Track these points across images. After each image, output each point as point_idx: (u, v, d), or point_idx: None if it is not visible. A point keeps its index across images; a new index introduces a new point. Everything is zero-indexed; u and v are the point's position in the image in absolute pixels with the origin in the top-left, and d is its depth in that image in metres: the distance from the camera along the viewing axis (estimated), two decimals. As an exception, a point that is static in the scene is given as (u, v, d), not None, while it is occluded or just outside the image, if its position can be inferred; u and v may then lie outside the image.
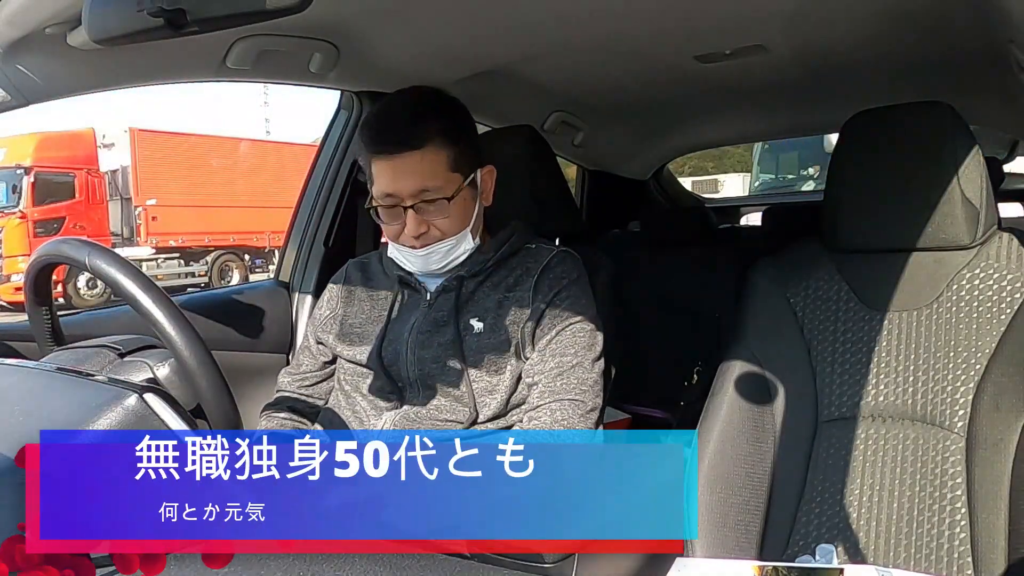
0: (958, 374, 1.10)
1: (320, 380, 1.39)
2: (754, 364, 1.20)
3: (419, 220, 1.19)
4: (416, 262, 1.25)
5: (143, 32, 0.65)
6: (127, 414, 0.65)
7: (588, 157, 2.62)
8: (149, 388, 0.67)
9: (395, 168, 1.18)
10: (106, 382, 0.72)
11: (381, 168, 1.20)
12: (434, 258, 1.23)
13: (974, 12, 1.34)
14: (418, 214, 1.19)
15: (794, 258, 1.28)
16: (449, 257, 1.24)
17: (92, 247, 0.93)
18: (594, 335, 1.24)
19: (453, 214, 1.21)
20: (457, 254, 1.24)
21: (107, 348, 0.98)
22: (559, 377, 1.19)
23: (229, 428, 0.87)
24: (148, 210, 13.13)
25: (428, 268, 1.25)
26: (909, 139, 1.16)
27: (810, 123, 2.53)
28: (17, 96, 1.12)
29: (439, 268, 1.25)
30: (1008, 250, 1.12)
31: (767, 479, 1.16)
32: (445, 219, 1.21)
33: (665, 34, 1.55)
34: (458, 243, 1.24)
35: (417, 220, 1.19)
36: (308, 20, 1.30)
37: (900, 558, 1.08)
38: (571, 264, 1.28)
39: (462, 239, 1.24)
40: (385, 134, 1.19)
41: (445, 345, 1.22)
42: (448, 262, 1.25)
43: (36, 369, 0.84)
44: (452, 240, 1.23)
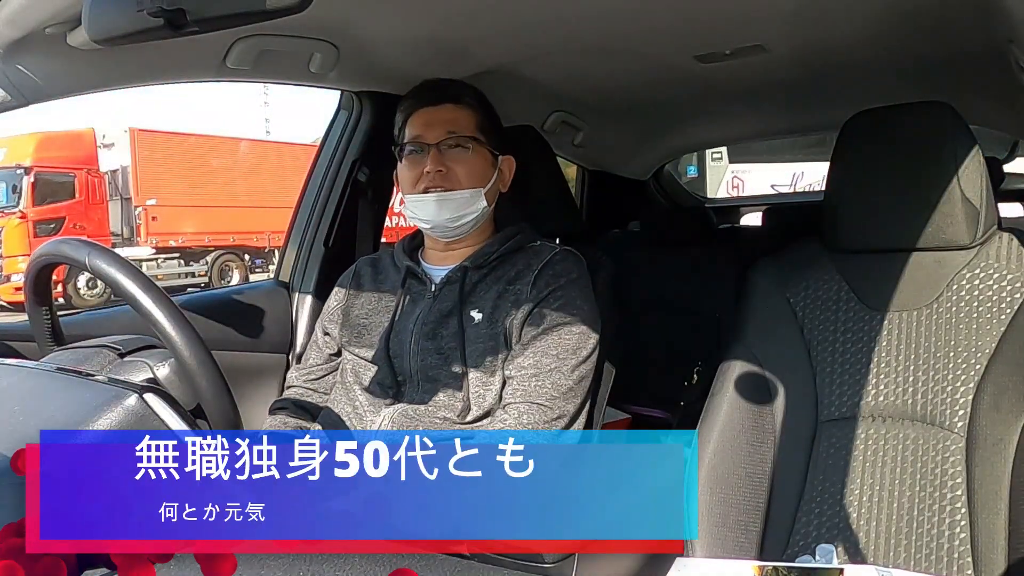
0: (958, 374, 1.10)
1: (326, 373, 1.41)
2: (754, 364, 1.20)
3: (440, 159, 1.28)
4: (429, 209, 1.28)
5: (143, 32, 0.65)
6: (127, 414, 0.65)
7: (588, 157, 2.62)
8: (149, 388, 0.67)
9: (430, 115, 1.31)
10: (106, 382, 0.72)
11: (417, 119, 1.32)
12: (448, 206, 1.27)
13: (974, 12, 1.34)
14: (440, 154, 1.28)
15: (794, 258, 1.28)
16: (462, 210, 1.28)
17: (92, 247, 0.93)
18: (583, 339, 1.24)
19: (471, 164, 1.29)
20: (469, 211, 1.28)
21: (107, 348, 0.98)
22: (534, 378, 1.20)
23: (229, 428, 0.87)
24: (148, 210, 13.13)
25: (441, 218, 1.28)
26: (909, 139, 1.16)
27: (810, 123, 2.52)
28: (17, 96, 1.12)
29: (451, 220, 1.28)
30: (1008, 250, 1.12)
31: (767, 479, 1.16)
32: (464, 164, 1.28)
33: (665, 34, 1.55)
34: (472, 200, 1.28)
35: (438, 158, 1.28)
36: (308, 20, 1.30)
37: (900, 558, 1.08)
38: (573, 263, 1.29)
39: (476, 197, 1.29)
40: (428, 91, 1.34)
41: (449, 337, 1.24)
42: (460, 216, 1.28)
43: (36, 369, 0.84)
44: (467, 193, 1.28)
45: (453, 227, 1.29)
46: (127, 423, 0.64)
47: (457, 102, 1.31)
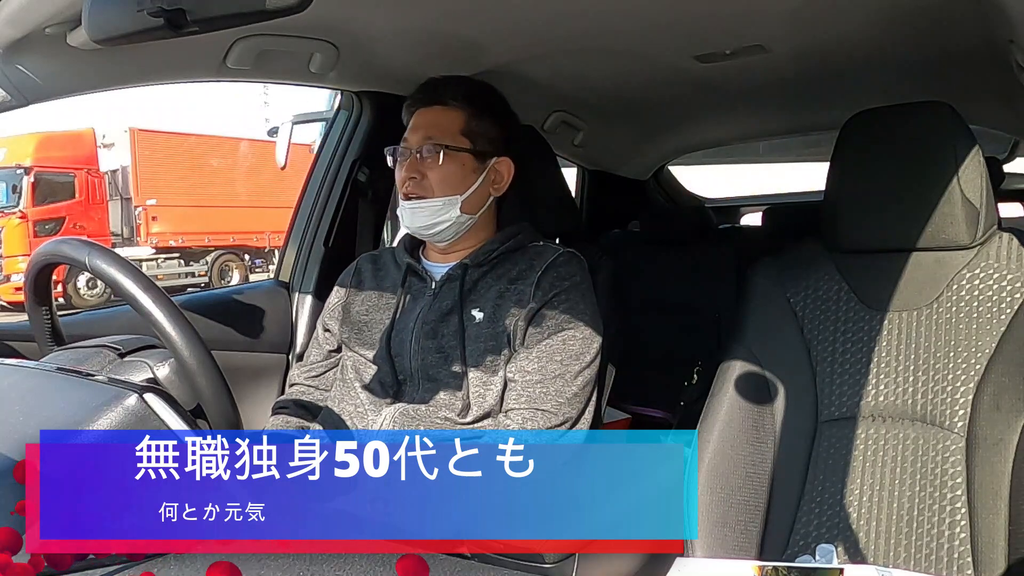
0: (958, 374, 1.10)
1: (327, 370, 1.41)
2: (754, 364, 1.20)
3: (414, 165, 1.27)
4: (406, 216, 1.29)
5: (143, 32, 0.65)
6: (127, 414, 0.65)
7: (588, 157, 2.62)
8: (149, 388, 0.67)
9: (419, 118, 1.30)
10: (106, 382, 0.71)
11: (410, 120, 1.32)
12: (420, 215, 1.27)
13: (974, 12, 1.34)
14: (418, 161, 1.27)
15: (794, 258, 1.28)
16: (435, 218, 1.27)
17: (92, 247, 0.93)
18: (586, 343, 1.23)
19: (446, 172, 1.26)
20: (443, 220, 1.27)
21: (107, 348, 0.98)
22: (539, 384, 1.19)
23: (229, 428, 0.87)
24: (148, 210, 13.13)
25: (415, 225, 1.28)
26: (909, 139, 1.16)
27: (810, 123, 2.52)
28: (17, 96, 1.12)
29: (425, 228, 1.28)
30: (1008, 250, 1.12)
31: (767, 479, 1.16)
32: (437, 171, 1.26)
33: (665, 34, 1.55)
34: (445, 208, 1.27)
35: (414, 164, 1.27)
36: (308, 20, 1.30)
37: (900, 558, 1.08)
38: (576, 266, 1.29)
39: (449, 205, 1.27)
40: (423, 91, 1.33)
41: (449, 336, 1.24)
42: (434, 223, 1.27)
43: (36, 369, 0.84)
44: (439, 201, 1.26)
45: (427, 234, 1.29)
46: (127, 423, 0.64)
47: (445, 104, 1.29)
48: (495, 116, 1.33)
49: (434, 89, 1.31)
